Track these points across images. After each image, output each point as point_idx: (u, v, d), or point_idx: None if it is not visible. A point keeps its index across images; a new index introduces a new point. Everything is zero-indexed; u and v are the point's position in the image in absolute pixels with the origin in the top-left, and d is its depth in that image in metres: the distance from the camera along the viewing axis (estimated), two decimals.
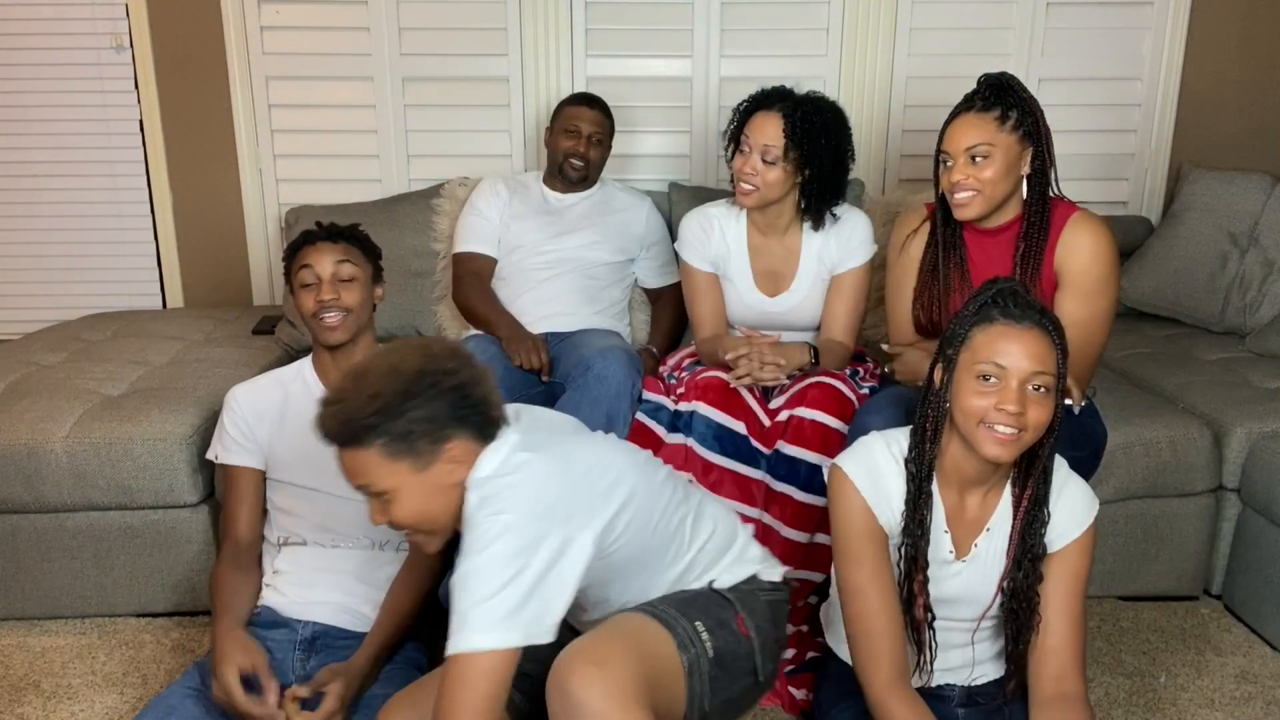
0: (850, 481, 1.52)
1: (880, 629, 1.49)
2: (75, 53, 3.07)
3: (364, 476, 1.38)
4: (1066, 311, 1.95)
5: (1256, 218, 2.90)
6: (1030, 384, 1.41)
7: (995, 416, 1.41)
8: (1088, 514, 1.54)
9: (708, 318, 2.30)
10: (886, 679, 1.48)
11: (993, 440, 1.42)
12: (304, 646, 1.77)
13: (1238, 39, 3.16)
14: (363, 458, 1.36)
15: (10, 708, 1.97)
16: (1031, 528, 1.51)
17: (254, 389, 1.96)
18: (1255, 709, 1.98)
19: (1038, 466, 1.50)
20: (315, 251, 1.87)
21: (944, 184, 1.95)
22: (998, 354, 1.42)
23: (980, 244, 2.01)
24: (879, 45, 3.09)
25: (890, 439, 1.57)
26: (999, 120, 1.89)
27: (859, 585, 1.51)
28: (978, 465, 1.48)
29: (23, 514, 2.22)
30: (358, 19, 3.06)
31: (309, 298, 1.87)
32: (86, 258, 3.22)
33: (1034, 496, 1.50)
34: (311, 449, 1.90)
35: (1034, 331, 1.42)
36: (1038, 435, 1.44)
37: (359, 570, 1.87)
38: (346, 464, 1.38)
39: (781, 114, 2.11)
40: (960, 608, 1.56)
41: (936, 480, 1.53)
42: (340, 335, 1.88)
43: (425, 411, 1.35)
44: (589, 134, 2.66)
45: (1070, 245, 1.94)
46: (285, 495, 1.91)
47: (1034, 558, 1.51)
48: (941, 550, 1.54)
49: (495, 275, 2.66)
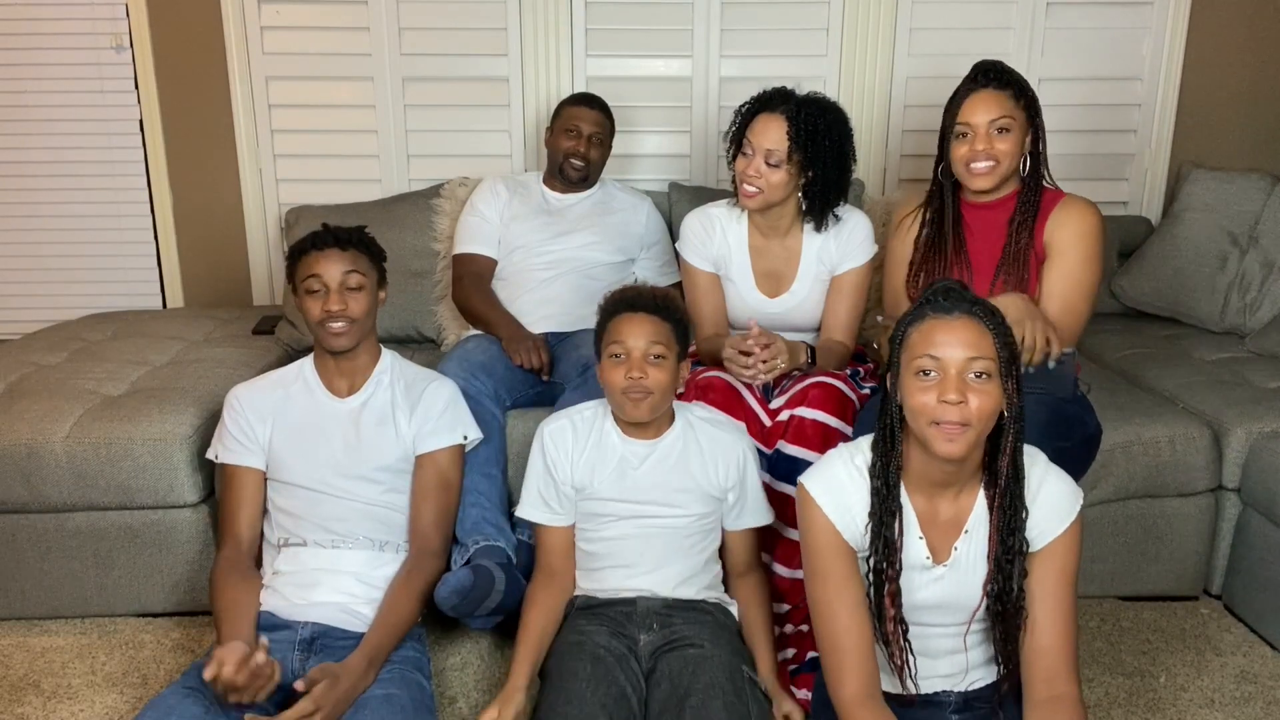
0: (812, 499, 1.51)
1: (847, 645, 1.49)
2: (75, 53, 3.07)
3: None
4: (1051, 280, 2.04)
5: (1256, 218, 2.91)
6: (968, 372, 1.40)
7: (939, 410, 1.40)
8: (1071, 508, 1.52)
9: (709, 318, 2.30)
10: (852, 694, 1.48)
11: (942, 437, 1.41)
12: (303, 647, 1.77)
13: (1238, 39, 3.16)
14: None
15: (10, 708, 1.97)
16: (1009, 527, 1.48)
17: (255, 389, 1.97)
18: (1255, 709, 1.98)
19: (1003, 463, 1.47)
20: (324, 260, 1.86)
21: (959, 155, 2.03)
22: (931, 346, 1.42)
23: (978, 217, 2.09)
24: (879, 45, 3.09)
25: (855, 451, 1.56)
26: (1014, 97, 2.01)
27: (825, 601, 1.51)
28: (941, 467, 1.47)
29: (23, 514, 2.22)
30: (358, 19, 3.06)
31: (315, 305, 1.86)
32: (86, 258, 3.22)
33: (1007, 494, 1.48)
34: (312, 448, 1.90)
35: (964, 320, 1.42)
36: (986, 423, 1.42)
37: (359, 571, 1.87)
38: None
39: (785, 116, 2.11)
40: (946, 613, 1.54)
41: (906, 487, 1.52)
42: (346, 343, 1.88)
43: None
44: (589, 134, 2.66)
45: (1059, 220, 2.04)
46: (286, 496, 1.91)
47: (1015, 557, 1.49)
48: (918, 557, 1.52)
49: (495, 275, 2.66)
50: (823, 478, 1.53)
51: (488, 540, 2.07)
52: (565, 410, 1.92)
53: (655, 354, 1.75)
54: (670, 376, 1.77)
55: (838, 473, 1.53)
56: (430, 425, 1.96)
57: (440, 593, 1.91)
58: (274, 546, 1.91)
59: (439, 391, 2.00)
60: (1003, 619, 1.50)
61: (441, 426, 1.97)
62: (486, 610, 1.98)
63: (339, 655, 1.73)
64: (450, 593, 1.91)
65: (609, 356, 1.78)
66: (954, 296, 1.44)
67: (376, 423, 1.93)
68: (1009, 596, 1.49)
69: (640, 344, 1.75)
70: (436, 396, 1.99)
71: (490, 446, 2.17)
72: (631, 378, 1.74)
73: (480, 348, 2.37)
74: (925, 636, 1.55)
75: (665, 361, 1.76)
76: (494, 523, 2.11)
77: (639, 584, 1.84)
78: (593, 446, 1.85)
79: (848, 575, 1.51)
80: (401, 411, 1.95)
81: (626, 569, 1.85)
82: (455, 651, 2.14)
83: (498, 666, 2.09)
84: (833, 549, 1.51)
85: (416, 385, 2.00)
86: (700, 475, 1.84)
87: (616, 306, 1.80)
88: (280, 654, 1.73)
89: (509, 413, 2.31)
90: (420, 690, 1.75)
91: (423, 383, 2.00)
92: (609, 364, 1.77)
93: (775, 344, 2.07)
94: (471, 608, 1.95)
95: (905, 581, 1.52)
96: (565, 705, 1.64)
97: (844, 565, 1.51)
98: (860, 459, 1.54)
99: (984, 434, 1.44)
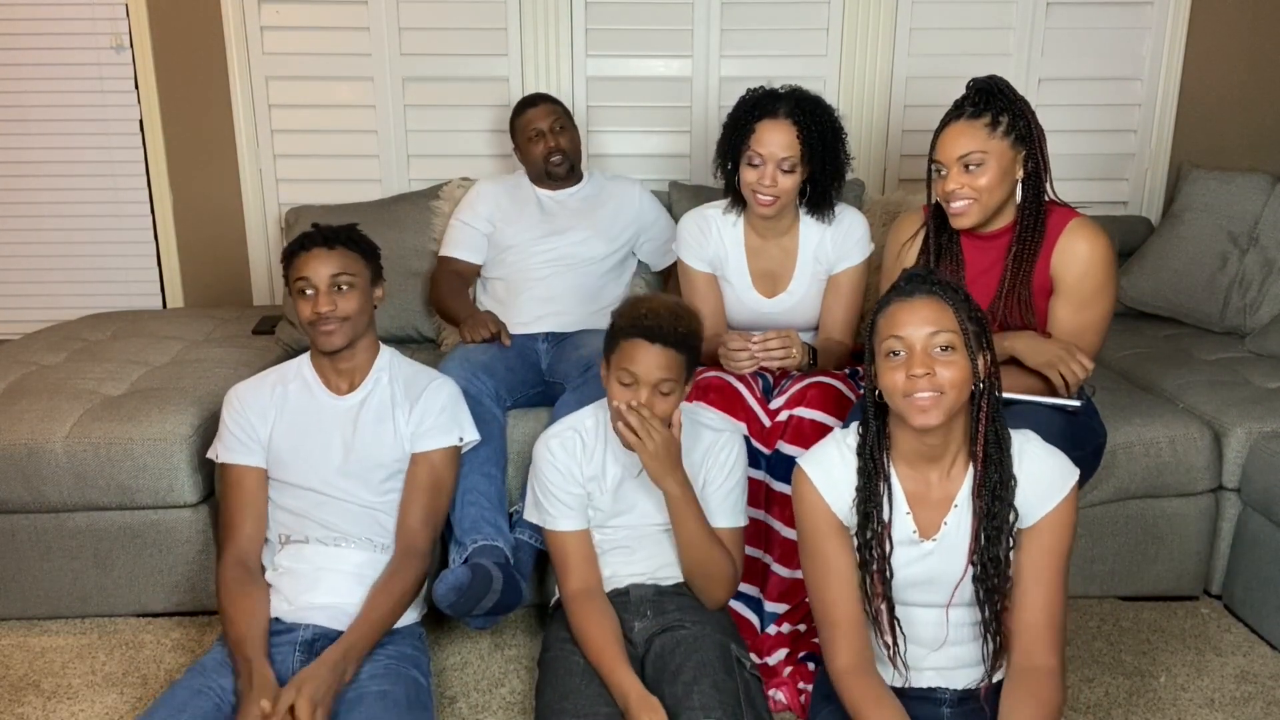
0: (807, 478, 1.58)
1: (837, 618, 1.56)
2: (75, 53, 3.07)
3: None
4: (1061, 318, 1.95)
5: (1256, 218, 2.90)
6: (933, 347, 1.46)
7: (910, 385, 1.46)
8: (1063, 484, 1.53)
9: (707, 318, 2.28)
10: (845, 664, 1.54)
11: (916, 409, 1.46)
12: (303, 649, 1.76)
13: (1238, 39, 3.16)
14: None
15: (10, 708, 1.97)
16: (994, 495, 1.51)
17: (254, 387, 1.96)
18: (1255, 709, 1.98)
19: (980, 430, 1.51)
20: (312, 261, 1.86)
21: (938, 193, 1.95)
22: (895, 327, 1.48)
23: (976, 249, 2.01)
24: (879, 45, 3.09)
25: (847, 433, 1.62)
26: (990, 126, 1.88)
27: (818, 579, 1.58)
28: (925, 440, 1.51)
29: (23, 514, 2.22)
30: (358, 19, 3.06)
31: (306, 306, 1.86)
32: (86, 258, 3.22)
33: (989, 463, 1.51)
34: (311, 447, 1.90)
35: (923, 299, 1.48)
36: (957, 392, 1.46)
37: (359, 572, 1.86)
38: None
39: (792, 121, 2.09)
40: (932, 590, 1.56)
41: (895, 465, 1.56)
42: (338, 341, 1.87)
43: None
44: (550, 126, 2.66)
45: (1067, 252, 1.93)
46: (287, 495, 1.91)
47: (1002, 526, 1.51)
48: (904, 532, 1.55)
49: (495, 276, 2.66)
50: (816, 457, 1.61)
51: (486, 540, 2.07)
52: (565, 420, 1.93)
53: (665, 389, 1.75)
54: (675, 405, 1.77)
55: (829, 452, 1.60)
56: (427, 424, 1.95)
57: (438, 590, 1.91)
58: (276, 543, 1.91)
59: (439, 391, 1.99)
60: (988, 592, 1.52)
61: (438, 426, 1.96)
62: (484, 609, 1.98)
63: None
64: (448, 590, 1.91)
65: (618, 379, 1.76)
66: (915, 280, 1.50)
67: (375, 420, 1.93)
68: (994, 567, 1.51)
69: (652, 376, 1.73)
70: (436, 396, 1.97)
71: (490, 446, 2.16)
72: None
73: (481, 348, 2.37)
74: (911, 618, 1.58)
75: (673, 395, 1.76)
76: (492, 522, 2.11)
77: (633, 570, 1.89)
78: (597, 457, 1.87)
79: (838, 551, 1.57)
80: (401, 409, 1.94)
81: (619, 563, 1.89)
82: (454, 651, 2.15)
83: (497, 666, 2.09)
84: (824, 525, 1.57)
85: (416, 383, 1.98)
86: (694, 477, 1.85)
87: (635, 329, 1.73)
88: (281, 656, 1.74)
89: (509, 413, 2.31)
90: (416, 686, 1.75)
91: (423, 381, 1.99)
92: (616, 385, 1.76)
93: (791, 334, 2.10)
94: (469, 606, 1.95)
95: (892, 558, 1.55)
96: (562, 701, 1.67)
97: (835, 542, 1.57)
98: (851, 439, 1.60)
99: (957, 402, 1.48)
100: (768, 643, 2.01)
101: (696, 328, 1.80)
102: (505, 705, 1.97)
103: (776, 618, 2.03)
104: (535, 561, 2.16)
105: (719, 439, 1.88)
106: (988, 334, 1.51)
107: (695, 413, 1.94)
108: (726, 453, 1.87)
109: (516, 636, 2.20)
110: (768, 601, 2.04)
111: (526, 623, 2.25)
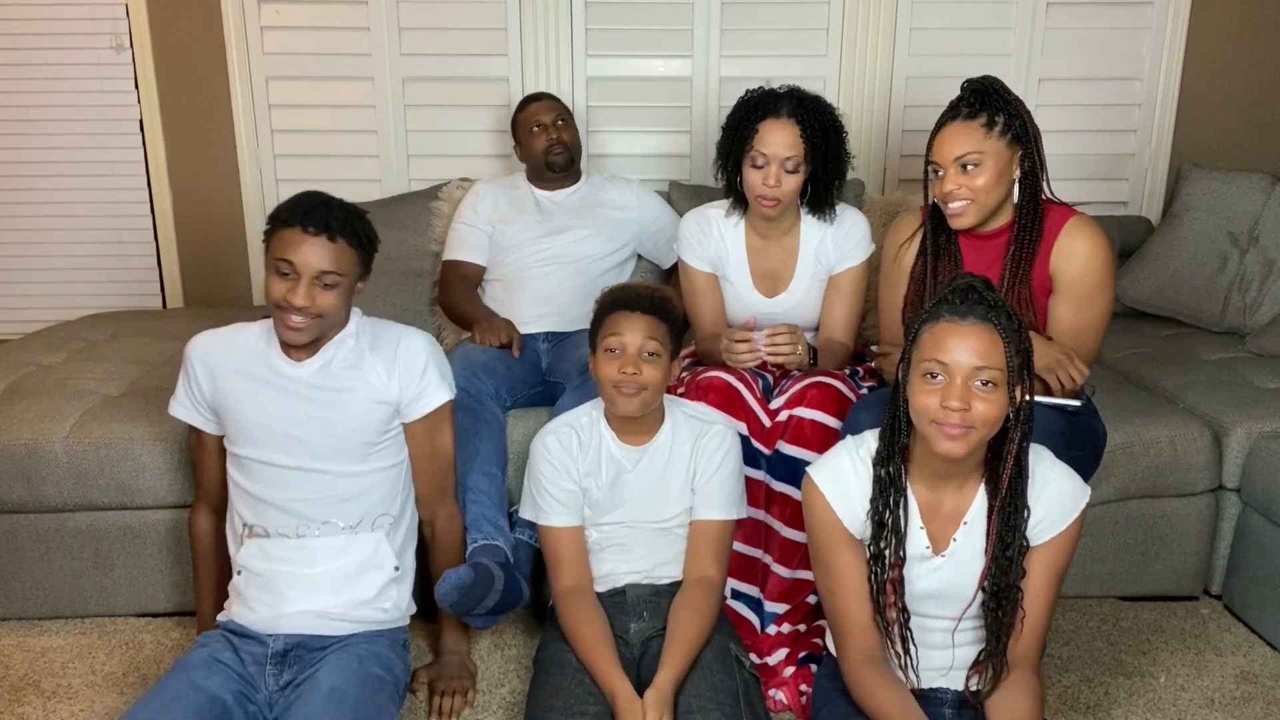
0: (818, 489, 1.56)
1: (848, 628, 1.57)
2: (75, 53, 3.08)
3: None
4: (1060, 317, 1.95)
5: (1256, 218, 2.90)
6: (974, 380, 1.41)
7: (942, 414, 1.41)
8: (1075, 506, 1.53)
9: (708, 318, 2.30)
10: (856, 657, 1.55)
11: (943, 437, 1.42)
12: (275, 660, 1.71)
13: (1238, 39, 3.16)
14: None
15: (10, 708, 1.97)
16: (1009, 524, 1.50)
17: (213, 342, 1.80)
18: (1255, 709, 1.98)
19: (1008, 463, 1.48)
20: (305, 246, 1.66)
21: (936, 194, 1.94)
22: (940, 351, 1.42)
23: (974, 249, 2.01)
24: (879, 45, 3.10)
25: (860, 442, 1.59)
26: (986, 126, 1.88)
27: (830, 587, 1.59)
28: (942, 460, 1.48)
29: (23, 514, 2.22)
30: (358, 19, 3.06)
31: (280, 287, 1.67)
32: (86, 258, 3.23)
33: (1009, 493, 1.49)
34: (269, 419, 1.75)
35: (977, 327, 1.42)
36: (989, 429, 1.43)
37: (330, 567, 1.77)
38: None
39: (795, 120, 2.09)
40: (942, 604, 1.56)
41: (910, 477, 1.54)
42: (302, 339, 1.71)
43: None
44: (552, 119, 2.67)
45: (1065, 251, 1.93)
46: (245, 473, 1.78)
47: (1014, 555, 1.50)
48: (918, 546, 1.54)
49: (494, 277, 2.66)
50: (827, 467, 1.58)
51: (487, 539, 2.07)
52: (562, 417, 1.93)
53: (650, 351, 1.78)
54: (663, 375, 1.80)
55: (842, 462, 1.57)
56: (412, 390, 1.81)
57: (440, 589, 1.91)
58: (237, 537, 1.81)
59: (416, 350, 1.82)
60: (997, 615, 1.51)
61: (426, 388, 1.83)
62: (485, 609, 1.98)
63: (314, 663, 1.70)
64: (450, 589, 1.91)
65: (604, 350, 1.81)
66: (971, 298, 1.44)
67: (337, 388, 1.77)
68: (1005, 593, 1.50)
69: (636, 340, 1.77)
70: (415, 356, 1.81)
71: (490, 446, 2.16)
72: (625, 373, 1.77)
73: (481, 348, 2.37)
74: (922, 628, 1.57)
75: (659, 360, 1.79)
76: (493, 522, 2.11)
77: (629, 568, 1.89)
78: (593, 452, 1.88)
79: (850, 562, 1.56)
80: (373, 371, 1.78)
81: (615, 561, 1.90)
82: None
83: (495, 666, 2.09)
84: (835, 536, 1.56)
85: (384, 340, 1.81)
86: (687, 473, 1.87)
87: (614, 304, 1.83)
88: (252, 666, 1.70)
89: (509, 413, 2.31)
90: (375, 682, 1.69)
91: (393, 338, 1.82)
92: (604, 358, 1.80)
93: (796, 330, 2.11)
94: (471, 605, 1.95)
95: (905, 570, 1.54)
96: (551, 699, 1.68)
97: (846, 553, 1.56)
98: (864, 450, 1.57)
99: (987, 437, 1.45)
100: (768, 643, 2.01)
101: (674, 301, 1.88)
102: (505, 705, 1.97)
103: (776, 618, 2.02)
104: (534, 561, 2.16)
105: (707, 430, 1.89)
106: (1030, 364, 1.46)
107: (682, 406, 1.95)
108: (716, 443, 1.87)
109: (516, 636, 2.20)
110: (768, 601, 2.04)
111: (526, 623, 2.25)
